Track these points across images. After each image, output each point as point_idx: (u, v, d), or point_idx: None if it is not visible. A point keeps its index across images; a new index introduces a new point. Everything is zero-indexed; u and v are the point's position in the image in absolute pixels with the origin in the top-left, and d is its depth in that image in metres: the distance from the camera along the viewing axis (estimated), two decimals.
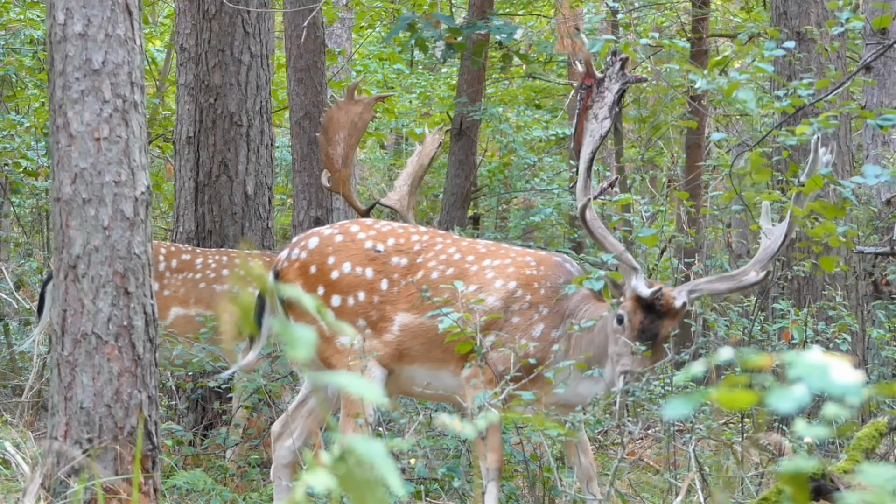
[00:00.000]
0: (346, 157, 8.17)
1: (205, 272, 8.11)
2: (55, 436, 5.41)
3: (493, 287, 6.00)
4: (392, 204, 8.51)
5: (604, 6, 14.31)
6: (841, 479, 4.53)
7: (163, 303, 7.95)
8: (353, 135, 8.18)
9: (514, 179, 16.64)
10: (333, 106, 8.19)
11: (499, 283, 6.01)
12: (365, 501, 1.95)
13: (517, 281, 6.01)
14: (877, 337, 7.86)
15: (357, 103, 8.19)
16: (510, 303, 5.97)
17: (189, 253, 8.21)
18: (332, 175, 8.18)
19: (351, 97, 8.17)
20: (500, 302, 5.97)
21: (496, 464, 5.85)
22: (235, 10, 8.72)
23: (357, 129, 8.19)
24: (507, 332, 5.91)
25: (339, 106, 8.17)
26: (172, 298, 8.05)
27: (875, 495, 1.96)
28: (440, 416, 2.20)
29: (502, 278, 6.03)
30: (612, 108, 5.89)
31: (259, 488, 6.96)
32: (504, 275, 6.04)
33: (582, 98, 5.96)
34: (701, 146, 14.22)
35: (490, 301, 5.97)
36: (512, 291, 5.99)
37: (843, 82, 6.25)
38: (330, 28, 12.74)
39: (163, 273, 8.04)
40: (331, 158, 8.18)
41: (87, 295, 5.39)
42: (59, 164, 5.44)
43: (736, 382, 1.94)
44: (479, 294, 5.97)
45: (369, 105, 8.24)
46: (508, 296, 5.98)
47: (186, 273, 8.10)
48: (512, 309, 5.97)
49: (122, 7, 5.48)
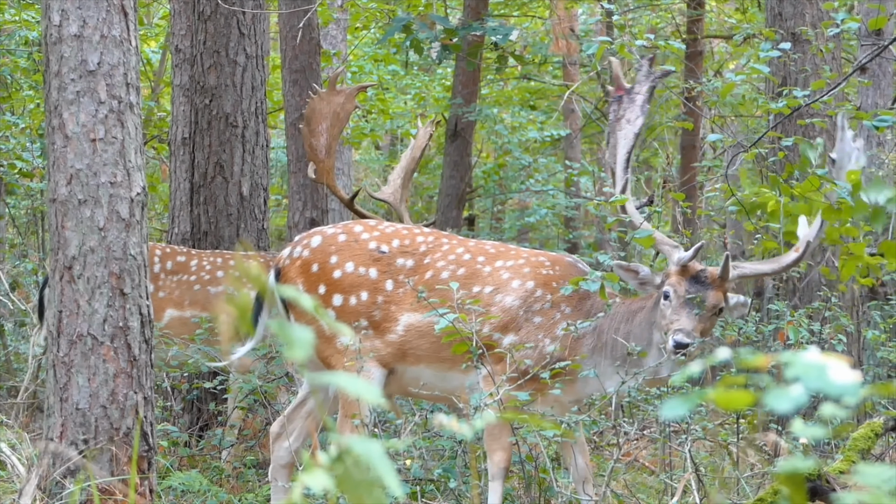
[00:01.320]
0: (329, 148, 8.17)
1: (200, 274, 8.10)
2: (51, 437, 5.41)
3: (510, 287, 6.01)
4: (385, 197, 8.52)
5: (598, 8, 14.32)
6: (837, 479, 4.54)
7: (158, 304, 7.95)
8: (335, 125, 8.18)
9: (509, 180, 16.66)
10: (315, 97, 8.19)
11: (516, 283, 6.02)
12: (362, 502, 1.96)
13: (535, 281, 6.02)
14: (872, 338, 7.86)
15: (339, 94, 8.19)
16: (531, 303, 5.97)
17: (184, 254, 8.21)
18: (316, 166, 8.18)
19: (332, 88, 8.17)
20: (519, 301, 5.97)
21: (504, 463, 5.87)
22: (231, 12, 8.72)
23: (339, 119, 8.19)
24: (530, 331, 5.92)
25: (321, 97, 8.17)
26: (167, 300, 8.05)
27: (872, 496, 1.96)
28: (438, 417, 2.20)
29: (519, 278, 6.03)
30: (643, 107, 5.91)
31: (255, 489, 6.95)
32: (520, 275, 6.04)
33: (615, 110, 5.99)
34: (696, 147, 14.23)
35: (508, 301, 5.98)
36: (531, 291, 6.00)
37: (838, 83, 6.26)
38: (325, 29, 12.73)
39: (158, 274, 8.04)
40: (314, 149, 8.18)
41: (83, 296, 5.38)
42: (55, 165, 5.43)
43: (733, 383, 1.94)
44: (496, 295, 5.98)
45: (351, 95, 8.25)
46: (528, 296, 5.99)
47: (182, 275, 8.10)
48: (533, 309, 5.97)
49: (118, 8, 5.48)
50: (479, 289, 5.99)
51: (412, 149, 8.72)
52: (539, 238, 17.53)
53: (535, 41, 16.69)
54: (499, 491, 5.85)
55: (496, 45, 11.99)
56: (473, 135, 13.30)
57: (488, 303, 5.96)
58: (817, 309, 7.43)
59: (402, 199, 8.57)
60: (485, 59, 13.84)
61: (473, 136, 13.31)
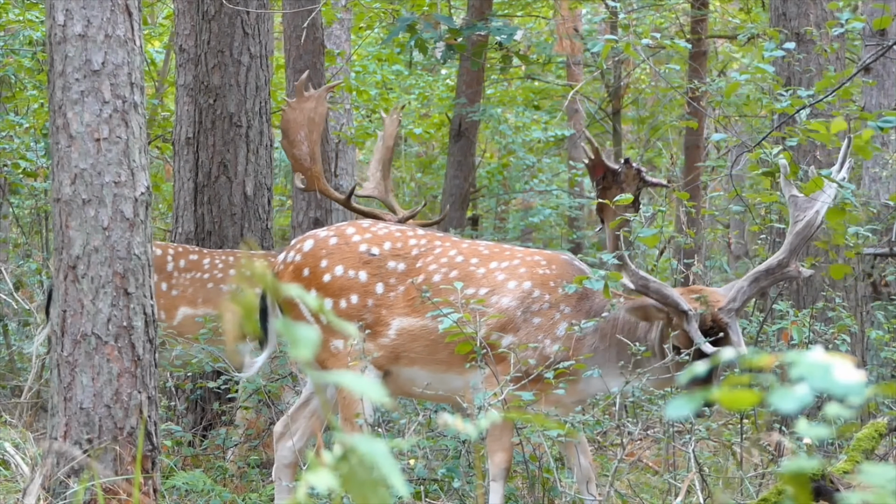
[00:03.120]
0: (313, 154, 8.16)
1: (212, 272, 8.11)
2: (55, 436, 5.41)
3: (505, 288, 5.95)
4: (370, 193, 8.52)
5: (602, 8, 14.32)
6: (841, 479, 4.53)
7: (171, 302, 7.96)
8: (313, 130, 8.17)
9: (513, 180, 16.66)
10: (287, 108, 8.19)
11: (512, 284, 5.96)
12: (367, 501, 1.95)
13: (531, 281, 5.97)
14: (876, 338, 7.86)
15: (308, 99, 8.18)
16: (529, 303, 5.92)
17: (196, 253, 8.21)
18: (304, 175, 8.17)
19: (300, 95, 8.16)
20: (516, 302, 5.93)
21: (506, 464, 5.85)
22: (235, 11, 8.72)
23: (316, 123, 8.18)
24: (529, 332, 5.87)
25: (292, 106, 8.16)
26: (181, 298, 8.05)
27: (877, 495, 1.96)
28: (443, 417, 2.20)
29: (515, 279, 5.98)
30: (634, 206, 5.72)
31: (259, 489, 6.95)
32: (516, 275, 5.99)
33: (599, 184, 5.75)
34: (700, 147, 14.23)
35: (504, 302, 5.92)
36: (528, 292, 5.94)
37: (842, 83, 6.25)
38: (329, 29, 12.73)
39: (171, 273, 8.05)
40: (298, 160, 8.18)
41: (87, 295, 5.39)
42: (59, 164, 5.44)
43: (738, 382, 1.94)
44: (491, 297, 5.94)
45: (321, 97, 8.24)
46: (525, 296, 5.93)
47: (194, 273, 8.10)
48: (532, 309, 5.91)
49: (122, 8, 5.48)
50: (473, 291, 5.94)
51: (383, 139, 8.73)
52: (543, 238, 17.52)
53: (539, 41, 16.68)
54: (500, 492, 5.84)
55: (500, 44, 12.00)
56: (477, 135, 13.31)
57: (484, 305, 5.92)
58: (821, 309, 7.43)
59: (387, 191, 8.57)
60: (489, 59, 13.84)
61: (477, 135, 13.32)
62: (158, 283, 7.97)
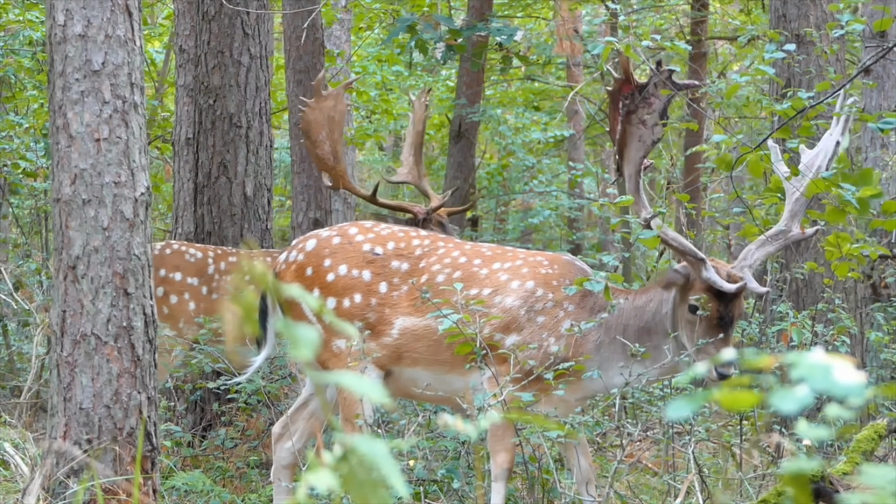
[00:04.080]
0: (336, 153, 8.17)
1: None
2: (55, 436, 5.41)
3: (509, 288, 5.98)
4: (403, 178, 8.53)
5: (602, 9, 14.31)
6: (840, 481, 4.53)
7: (212, 307, 7.89)
8: (334, 129, 8.18)
9: (513, 181, 16.65)
10: (306, 108, 8.18)
11: (515, 284, 5.99)
12: (367, 502, 1.95)
13: (534, 280, 5.99)
14: (876, 339, 7.85)
15: (327, 98, 8.19)
16: (533, 303, 5.94)
17: (234, 255, 8.17)
18: (329, 174, 8.19)
19: (318, 95, 8.16)
20: (520, 302, 5.95)
21: (508, 464, 5.86)
22: (235, 12, 8.72)
23: (336, 122, 8.19)
24: (533, 331, 5.89)
25: (311, 107, 8.16)
26: (222, 301, 8.00)
27: (876, 497, 1.96)
28: (443, 417, 2.20)
29: (518, 279, 6.00)
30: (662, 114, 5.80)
31: (258, 489, 6.96)
32: (519, 275, 6.02)
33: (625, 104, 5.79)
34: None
35: (508, 302, 5.95)
36: (532, 291, 5.97)
37: (842, 85, 6.25)
38: (329, 29, 12.72)
39: (212, 276, 7.99)
40: (322, 159, 8.18)
41: (87, 296, 5.39)
42: (59, 164, 5.44)
43: (738, 383, 1.94)
44: (495, 297, 5.96)
45: (339, 95, 8.24)
46: (529, 296, 5.95)
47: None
48: (536, 308, 5.94)
49: (122, 8, 5.48)
50: (476, 291, 5.96)
51: (413, 123, 8.74)
52: (542, 239, 17.53)
53: (539, 42, 16.68)
54: (501, 492, 5.84)
55: (500, 45, 12.00)
56: (477, 136, 13.31)
57: (487, 305, 5.93)
58: (821, 311, 7.43)
59: (420, 175, 8.57)
60: (489, 60, 13.84)
61: (477, 136, 13.32)
62: (199, 287, 7.93)
